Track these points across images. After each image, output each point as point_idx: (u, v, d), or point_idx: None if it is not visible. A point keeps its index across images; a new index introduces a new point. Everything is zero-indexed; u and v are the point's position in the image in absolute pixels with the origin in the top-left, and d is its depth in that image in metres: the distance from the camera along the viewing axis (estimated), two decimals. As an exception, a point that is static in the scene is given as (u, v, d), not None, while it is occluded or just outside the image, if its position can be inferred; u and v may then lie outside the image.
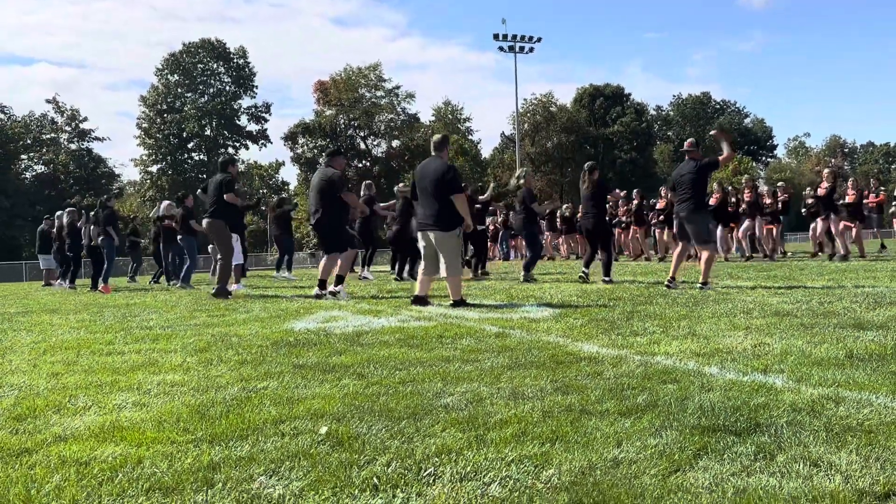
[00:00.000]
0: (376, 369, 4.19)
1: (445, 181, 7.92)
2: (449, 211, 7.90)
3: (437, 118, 74.45)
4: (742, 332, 5.11)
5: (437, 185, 7.94)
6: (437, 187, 7.93)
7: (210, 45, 68.01)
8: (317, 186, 9.51)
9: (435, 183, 7.96)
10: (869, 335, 4.71)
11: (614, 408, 3.10)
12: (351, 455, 2.60)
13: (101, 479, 2.46)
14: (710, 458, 2.45)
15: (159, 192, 63.99)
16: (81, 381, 4.17)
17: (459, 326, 5.99)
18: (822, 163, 79.50)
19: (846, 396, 3.15)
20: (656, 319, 5.96)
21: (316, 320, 6.90)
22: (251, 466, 2.52)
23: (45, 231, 19.53)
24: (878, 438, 2.57)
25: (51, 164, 65.82)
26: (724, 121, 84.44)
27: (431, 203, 8.00)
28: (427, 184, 8.04)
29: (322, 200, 9.39)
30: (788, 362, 3.95)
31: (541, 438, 2.71)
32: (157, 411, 3.35)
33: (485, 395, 3.44)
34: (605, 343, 4.87)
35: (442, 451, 2.62)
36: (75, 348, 5.57)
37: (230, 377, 4.14)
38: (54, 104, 66.65)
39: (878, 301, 6.60)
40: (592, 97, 70.83)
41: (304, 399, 3.48)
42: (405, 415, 3.12)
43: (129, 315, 8.26)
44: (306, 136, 66.50)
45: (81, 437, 2.97)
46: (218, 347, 5.31)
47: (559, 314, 6.63)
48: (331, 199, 9.41)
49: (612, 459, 2.47)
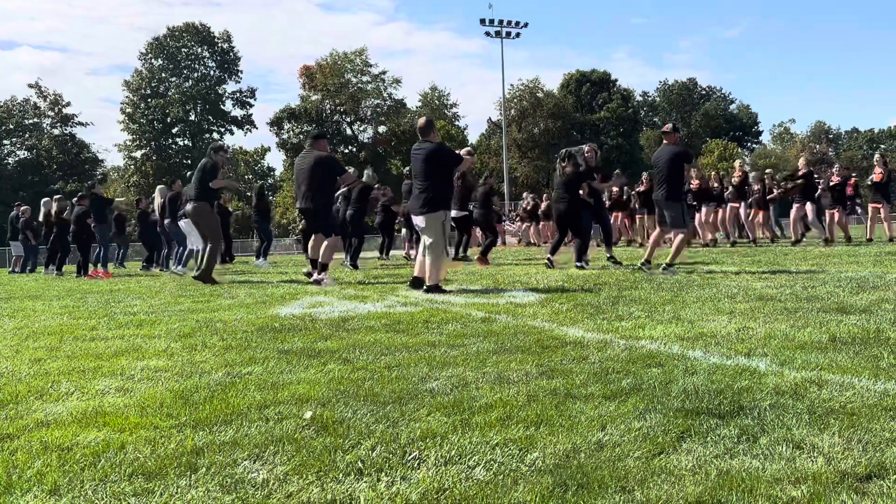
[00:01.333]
0: (362, 354, 4.19)
1: (438, 160, 7.93)
2: (436, 193, 7.89)
3: (424, 104, 74.24)
4: (726, 316, 5.13)
5: (426, 166, 7.94)
6: (427, 169, 7.93)
7: (194, 29, 67.35)
8: (306, 170, 9.33)
9: (424, 165, 7.95)
10: (852, 319, 4.74)
11: (599, 391, 3.10)
12: (335, 440, 2.59)
13: (83, 464, 2.44)
14: (694, 440, 2.47)
15: (143, 178, 63.63)
16: (64, 367, 4.14)
17: (445, 312, 5.98)
18: (807, 149, 79.91)
19: (829, 379, 3.17)
20: (641, 304, 5.98)
21: (301, 306, 6.88)
22: (235, 451, 2.51)
23: (16, 217, 19.43)
24: (860, 421, 2.59)
25: (34, 149, 65.22)
26: (709, 107, 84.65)
27: (420, 186, 8.00)
28: (418, 168, 8.05)
29: (312, 183, 9.25)
30: (772, 346, 3.97)
31: (525, 422, 2.72)
32: (140, 397, 3.34)
33: (470, 379, 3.44)
34: (590, 327, 4.88)
35: (427, 435, 2.62)
36: (58, 334, 5.53)
37: (214, 363, 4.12)
38: (37, 89, 66.02)
39: (861, 286, 6.64)
40: (579, 83, 70.72)
41: (289, 384, 3.47)
42: (390, 399, 3.11)
43: (113, 301, 8.21)
44: (292, 121, 66.08)
45: (64, 422, 2.95)
46: (202, 333, 5.29)
47: (545, 299, 6.64)
48: (321, 181, 9.29)
49: (596, 442, 2.47)
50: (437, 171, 7.94)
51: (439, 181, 7.96)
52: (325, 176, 9.32)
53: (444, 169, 8.04)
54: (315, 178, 9.25)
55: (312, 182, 9.25)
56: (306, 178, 9.30)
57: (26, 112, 65.93)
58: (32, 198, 36.69)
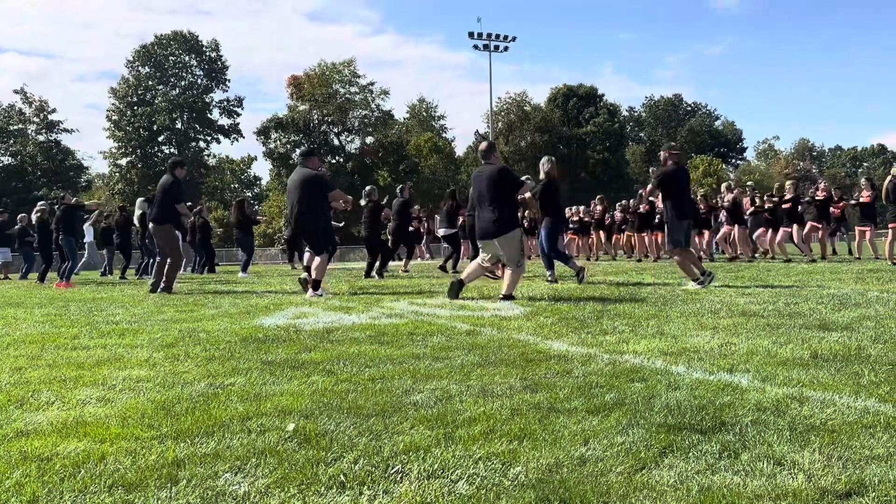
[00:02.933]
0: (346, 366, 4.18)
1: (504, 182, 8.09)
2: (507, 215, 8.08)
3: (412, 115, 74.36)
4: (709, 331, 5.16)
5: (493, 189, 8.07)
6: (494, 191, 8.05)
7: (182, 37, 67.21)
8: (298, 187, 9.37)
9: (490, 188, 8.08)
10: (833, 336, 4.78)
11: (582, 406, 3.11)
12: (318, 452, 2.58)
13: (62, 474, 2.42)
14: (676, 456, 2.47)
15: (128, 185, 63.24)
16: (45, 376, 4.10)
17: (430, 324, 5.98)
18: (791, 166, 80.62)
19: (810, 396, 3.19)
20: (625, 318, 6.00)
21: (286, 316, 6.85)
22: (216, 463, 2.50)
23: (1, 224, 19.30)
24: (840, 438, 2.61)
25: (18, 155, 64.79)
26: (694, 123, 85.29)
27: (489, 209, 8.11)
28: (483, 190, 8.18)
29: (305, 200, 9.31)
30: (754, 362, 3.99)
31: (509, 436, 2.72)
32: (121, 407, 3.31)
33: (454, 392, 3.44)
34: (574, 341, 4.89)
35: (410, 448, 2.61)
36: (39, 342, 5.48)
37: (197, 373, 4.10)
38: (22, 95, 65.69)
39: (843, 303, 6.70)
40: (566, 97, 71.06)
41: (272, 396, 3.46)
42: (374, 412, 3.11)
43: (96, 309, 8.15)
44: (279, 130, 65.92)
45: (44, 432, 2.92)
46: (185, 343, 5.26)
47: (530, 312, 6.65)
48: (311, 198, 9.34)
49: (578, 457, 2.48)
50: (504, 193, 8.09)
51: (507, 203, 8.11)
52: (314, 193, 9.36)
53: (510, 189, 8.14)
54: (305, 195, 9.32)
55: (303, 199, 9.32)
56: (297, 195, 9.37)
57: (11, 118, 65.54)
58: (16, 204, 36.42)
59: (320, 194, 9.45)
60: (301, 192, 9.34)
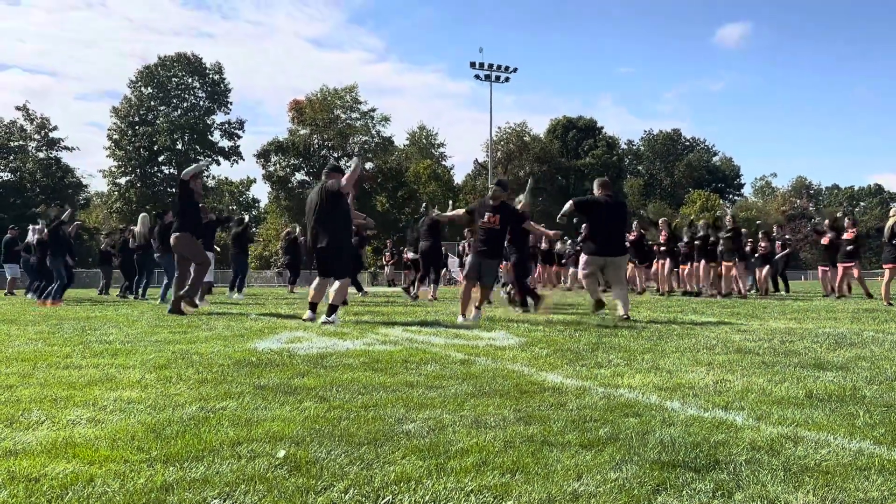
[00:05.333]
0: (339, 393, 4.15)
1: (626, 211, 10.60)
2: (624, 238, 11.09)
3: (412, 142, 74.72)
4: (704, 367, 5.15)
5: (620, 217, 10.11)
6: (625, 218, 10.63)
7: (186, 59, 67.72)
8: (317, 204, 8.81)
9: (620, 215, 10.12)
10: (829, 376, 4.77)
11: (576, 440, 3.09)
12: (308, 480, 2.56)
13: (50, 496, 2.39)
14: (670, 493, 2.45)
15: (126, 205, 63.33)
16: (36, 395, 4.07)
17: (425, 352, 5.96)
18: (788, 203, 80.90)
19: (805, 436, 3.17)
20: (621, 352, 5.98)
21: (280, 340, 6.83)
22: (205, 489, 2.47)
23: (11, 240, 19.29)
24: (834, 479, 2.59)
25: (17, 171, 64.87)
26: (692, 158, 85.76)
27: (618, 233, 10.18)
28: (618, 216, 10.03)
29: (322, 215, 8.78)
30: (749, 400, 3.98)
31: (501, 469, 2.70)
32: (111, 428, 3.28)
33: (447, 422, 3.41)
34: (569, 374, 4.87)
35: (401, 478, 2.59)
36: (31, 360, 5.44)
37: (189, 396, 4.07)
38: (24, 111, 65.92)
39: (839, 342, 6.69)
40: (565, 129, 71.57)
41: (264, 421, 3.43)
42: (366, 440, 3.08)
43: (89, 328, 8.11)
44: (279, 154, 66.26)
45: (33, 452, 2.90)
46: (178, 365, 5.23)
47: (525, 342, 6.64)
48: (332, 212, 8.80)
49: (571, 492, 2.46)
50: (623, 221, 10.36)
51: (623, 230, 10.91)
52: (336, 206, 8.82)
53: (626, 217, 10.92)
54: (326, 208, 8.79)
55: (322, 213, 8.80)
56: (317, 209, 8.83)
57: (12, 134, 65.74)
58: (13, 220, 36.41)
59: (344, 209, 8.89)
60: (321, 204, 8.78)
